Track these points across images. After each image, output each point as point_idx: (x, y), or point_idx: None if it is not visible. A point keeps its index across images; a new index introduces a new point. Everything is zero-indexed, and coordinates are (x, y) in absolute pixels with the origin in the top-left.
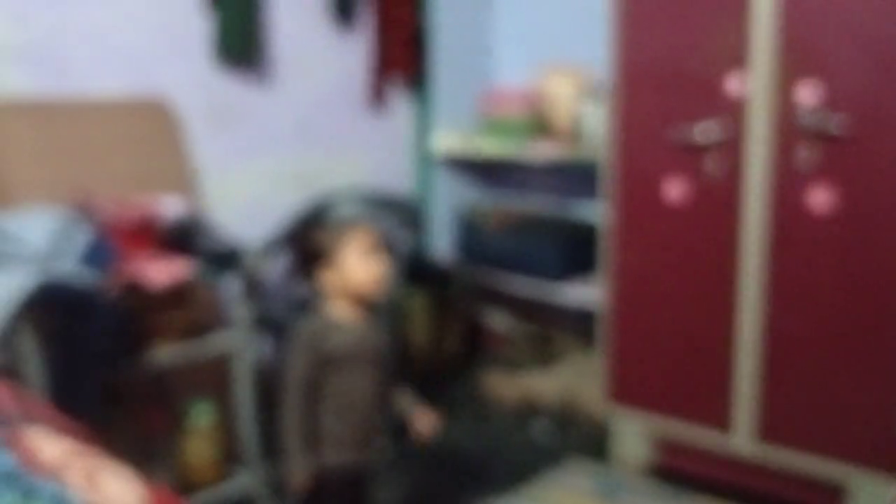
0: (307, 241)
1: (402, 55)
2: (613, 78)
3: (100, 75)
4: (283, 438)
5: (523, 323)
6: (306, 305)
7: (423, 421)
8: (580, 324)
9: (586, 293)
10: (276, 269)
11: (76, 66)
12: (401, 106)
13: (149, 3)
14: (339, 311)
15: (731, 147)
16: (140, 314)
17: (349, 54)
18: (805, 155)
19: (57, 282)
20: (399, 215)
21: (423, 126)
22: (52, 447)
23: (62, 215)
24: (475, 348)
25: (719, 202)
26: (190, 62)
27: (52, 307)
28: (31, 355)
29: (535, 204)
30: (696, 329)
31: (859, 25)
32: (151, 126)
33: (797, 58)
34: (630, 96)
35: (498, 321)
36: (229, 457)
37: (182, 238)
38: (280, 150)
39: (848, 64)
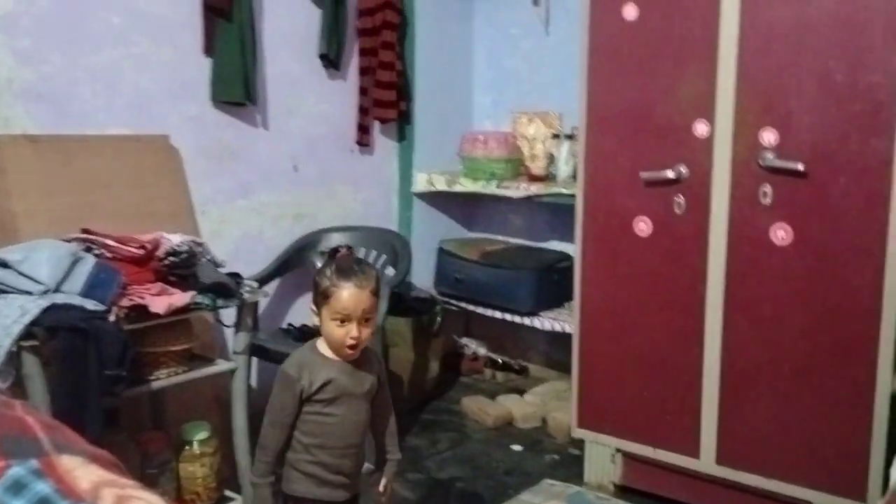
0: (317, 272)
1: (388, 99)
2: (585, 121)
3: (106, 113)
4: (254, 465)
5: (500, 352)
6: (296, 335)
7: (380, 495)
8: (553, 350)
9: (559, 322)
10: (267, 299)
11: (84, 104)
12: (386, 146)
13: (154, 47)
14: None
15: (698, 186)
16: (143, 340)
17: (338, 97)
18: (766, 193)
19: (61, 308)
20: (384, 248)
21: (406, 165)
22: (85, 475)
23: (67, 246)
24: (454, 374)
25: (686, 238)
26: (191, 103)
27: (56, 332)
28: (35, 378)
29: (511, 239)
30: (663, 357)
31: (815, 76)
32: (154, 163)
33: (759, 105)
34: (602, 139)
35: (475, 348)
36: (224, 478)
37: (182, 269)
38: (273, 187)
39: (805, 111)
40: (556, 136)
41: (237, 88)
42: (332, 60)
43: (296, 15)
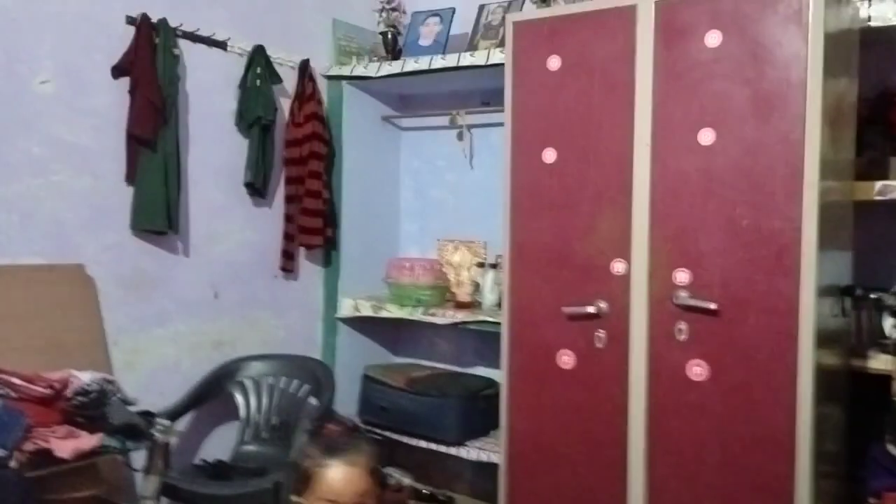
0: (299, 451)
1: (314, 226)
2: (508, 255)
3: (21, 243)
4: None
5: (425, 481)
6: (210, 471)
7: None
8: (481, 481)
9: (486, 451)
10: (181, 431)
11: None
12: (311, 272)
13: (74, 176)
14: None
15: (618, 322)
16: (47, 487)
17: (263, 224)
18: (682, 329)
19: None
20: (307, 377)
21: (332, 290)
22: None
23: None
24: None
25: (608, 372)
26: (109, 231)
27: None
28: None
29: (437, 365)
30: (590, 489)
31: (722, 221)
32: (67, 293)
33: (671, 246)
34: (524, 272)
35: (399, 478)
36: None
37: (91, 409)
38: (191, 315)
39: (714, 253)
40: (480, 265)
41: (159, 217)
42: (257, 189)
43: (222, 144)
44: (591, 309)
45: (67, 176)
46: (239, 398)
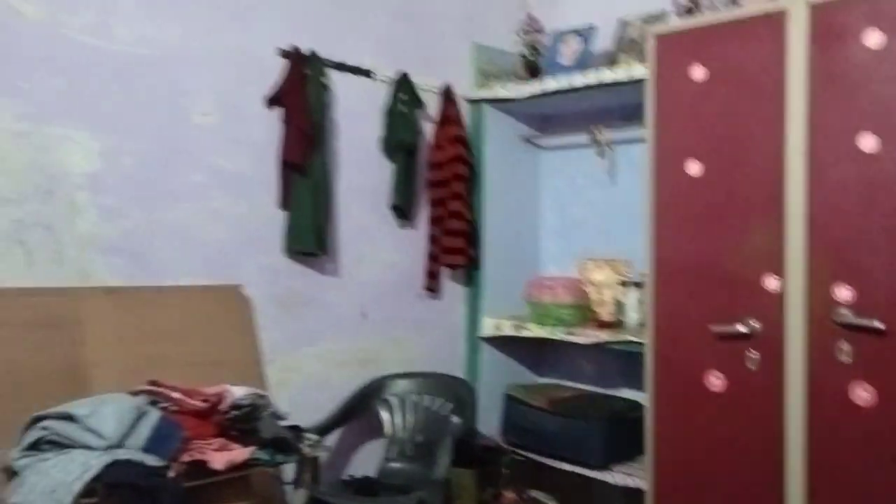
0: None
1: (457, 246)
2: (652, 272)
3: (182, 265)
4: None
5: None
6: (358, 487)
7: None
8: None
9: (633, 477)
10: (330, 447)
11: (161, 257)
12: (454, 292)
13: (231, 202)
14: None
15: (772, 342)
16: (201, 497)
17: (408, 245)
18: (844, 350)
19: (122, 464)
20: (450, 395)
21: (474, 310)
22: None
23: (132, 401)
24: None
25: (762, 395)
26: (264, 254)
27: (116, 489)
28: None
29: (580, 386)
30: None
31: (889, 233)
32: (226, 312)
33: (831, 260)
34: (669, 289)
35: (545, 502)
36: None
37: (244, 422)
38: (340, 334)
39: (880, 268)
40: (623, 283)
41: (310, 240)
42: (403, 211)
43: (368, 169)
44: (741, 328)
45: (225, 202)
46: (384, 415)
